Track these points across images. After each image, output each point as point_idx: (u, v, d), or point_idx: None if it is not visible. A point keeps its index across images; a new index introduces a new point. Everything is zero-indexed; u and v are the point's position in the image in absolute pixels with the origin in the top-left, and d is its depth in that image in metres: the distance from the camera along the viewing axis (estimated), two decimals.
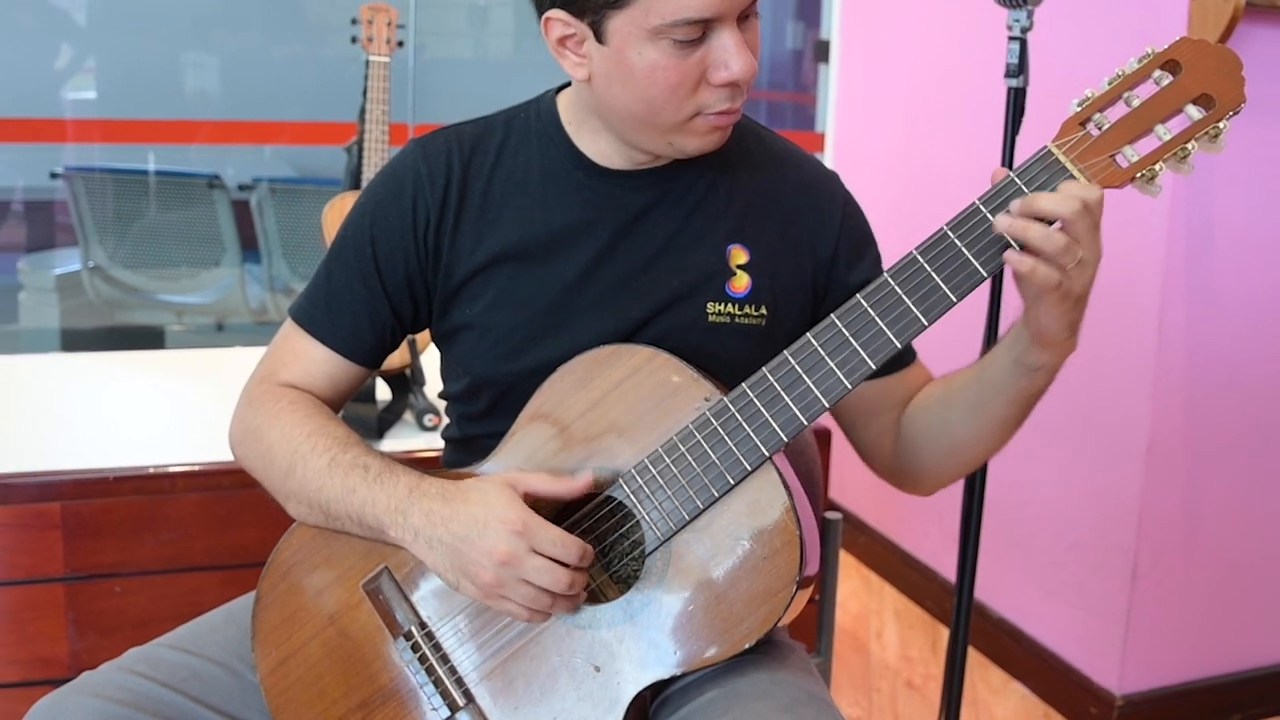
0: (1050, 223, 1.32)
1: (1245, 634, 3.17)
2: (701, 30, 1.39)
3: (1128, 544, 3.01)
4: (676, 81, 1.42)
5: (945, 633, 3.53)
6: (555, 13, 1.44)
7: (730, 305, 1.57)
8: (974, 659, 3.47)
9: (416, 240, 1.60)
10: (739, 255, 1.58)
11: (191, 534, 2.44)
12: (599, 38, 1.42)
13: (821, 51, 4.41)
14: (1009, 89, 2.15)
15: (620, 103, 1.46)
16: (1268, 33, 2.79)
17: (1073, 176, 1.33)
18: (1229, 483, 3.06)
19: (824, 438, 2.63)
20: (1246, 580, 3.13)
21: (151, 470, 2.42)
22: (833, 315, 1.41)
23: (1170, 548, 3.02)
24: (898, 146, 3.96)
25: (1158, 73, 1.33)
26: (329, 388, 1.66)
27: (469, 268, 1.59)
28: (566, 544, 1.40)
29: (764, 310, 1.58)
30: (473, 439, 1.64)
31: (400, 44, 2.77)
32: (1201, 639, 3.12)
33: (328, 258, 1.66)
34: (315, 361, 1.65)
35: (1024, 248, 1.33)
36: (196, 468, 2.45)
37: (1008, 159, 2.17)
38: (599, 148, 1.58)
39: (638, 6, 1.37)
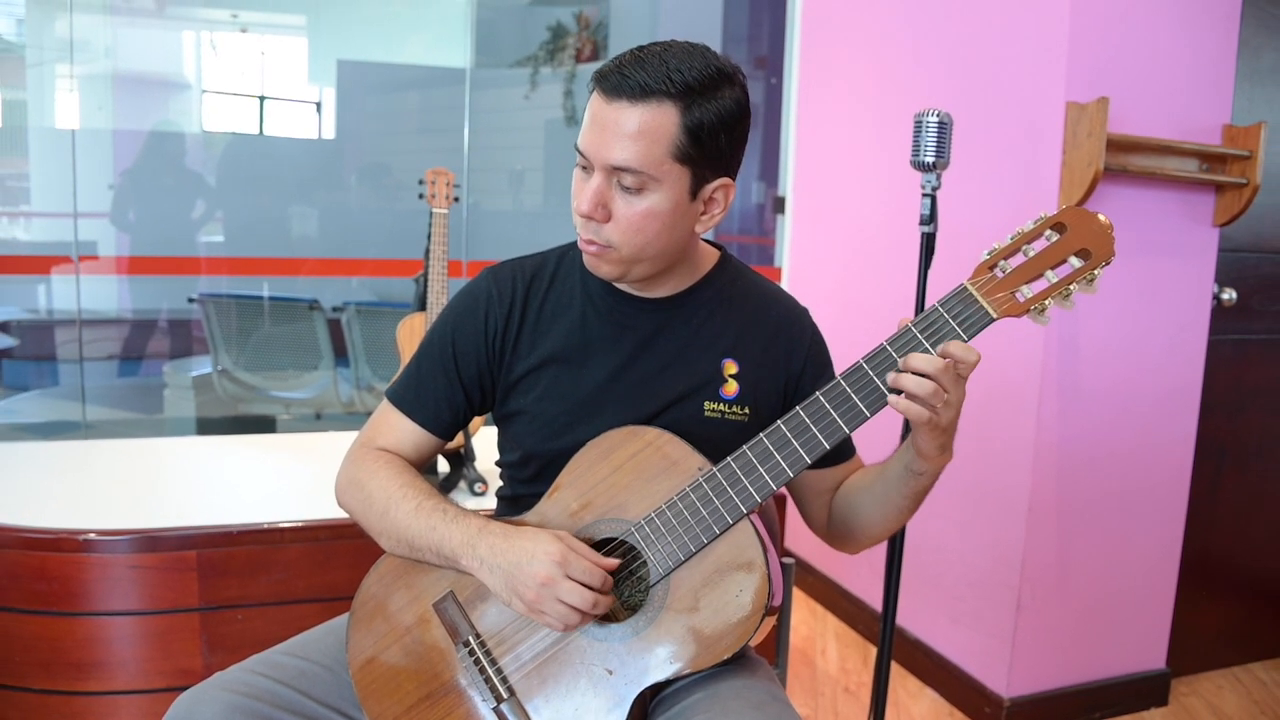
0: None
1: (1102, 651, 3.16)
2: (590, 165, 1.44)
3: (1013, 582, 3.01)
4: (573, 194, 1.48)
5: (874, 650, 3.52)
6: None
7: (722, 404, 1.58)
8: (896, 670, 3.45)
9: (487, 344, 1.63)
10: (731, 367, 1.60)
11: (296, 574, 2.44)
12: None
13: (779, 205, 4.45)
14: (922, 234, 2.16)
15: None
16: (1120, 190, 2.85)
17: (983, 308, 1.36)
18: (1091, 536, 3.06)
19: (780, 501, 2.63)
20: (1104, 610, 3.13)
21: (266, 525, 2.42)
22: (797, 407, 1.42)
23: (1046, 585, 3.02)
24: (837, 277, 3.99)
25: (1048, 232, 1.36)
26: (413, 453, 1.68)
27: (525, 367, 1.62)
28: (593, 572, 1.43)
29: (747, 410, 1.60)
30: (521, 497, 1.65)
31: (456, 199, 2.79)
32: (1069, 655, 3.10)
33: (417, 354, 1.68)
34: (405, 432, 1.67)
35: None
36: (300, 524, 2.44)
37: (921, 288, 2.19)
38: None
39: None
